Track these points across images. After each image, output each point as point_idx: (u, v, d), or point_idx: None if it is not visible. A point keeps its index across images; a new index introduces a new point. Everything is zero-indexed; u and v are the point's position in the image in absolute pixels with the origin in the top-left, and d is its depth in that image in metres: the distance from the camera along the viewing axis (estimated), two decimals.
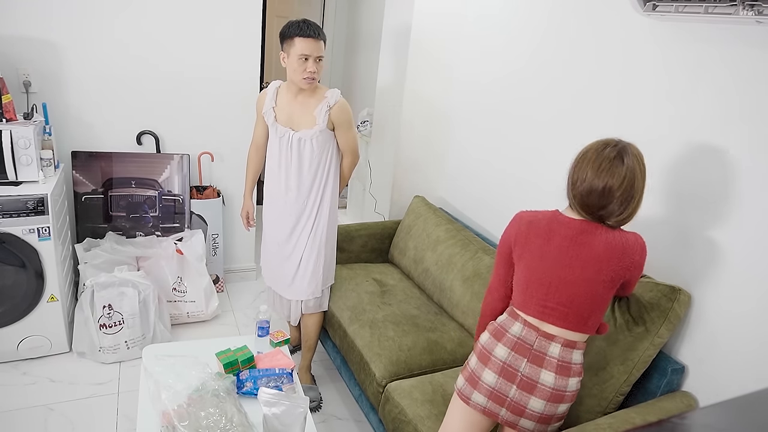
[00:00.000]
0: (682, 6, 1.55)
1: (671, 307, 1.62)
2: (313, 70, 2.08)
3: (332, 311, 2.42)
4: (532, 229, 1.49)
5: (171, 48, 2.82)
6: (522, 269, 1.50)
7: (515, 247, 1.51)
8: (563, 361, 1.44)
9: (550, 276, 1.45)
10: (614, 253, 1.41)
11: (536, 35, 2.34)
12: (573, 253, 1.43)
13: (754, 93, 1.52)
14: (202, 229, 3.00)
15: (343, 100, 2.19)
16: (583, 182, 1.42)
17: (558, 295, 1.44)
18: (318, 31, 2.09)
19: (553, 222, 1.48)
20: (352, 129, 2.25)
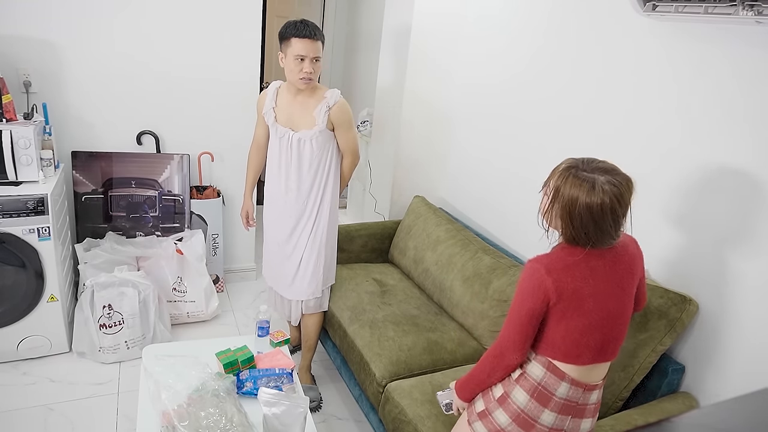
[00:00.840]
0: (682, 6, 1.55)
1: (679, 318, 1.61)
2: (309, 71, 2.07)
3: (332, 311, 2.42)
4: (571, 274, 1.30)
5: (171, 48, 2.82)
6: (574, 320, 1.31)
7: (559, 302, 1.29)
8: (599, 401, 1.41)
9: (604, 316, 1.32)
10: (636, 259, 1.37)
11: (536, 36, 2.34)
12: (615, 281, 1.33)
13: (755, 92, 1.52)
14: (202, 229, 3.00)
15: (343, 100, 2.18)
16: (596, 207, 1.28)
17: (612, 332, 1.34)
18: (315, 32, 2.07)
19: (594, 265, 1.32)
20: (352, 129, 2.24)
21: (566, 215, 1.27)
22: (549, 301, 1.29)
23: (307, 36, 2.04)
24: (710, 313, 1.64)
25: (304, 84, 2.11)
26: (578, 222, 1.26)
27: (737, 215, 1.56)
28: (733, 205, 1.57)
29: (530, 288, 1.31)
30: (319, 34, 2.09)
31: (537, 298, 1.30)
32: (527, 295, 1.32)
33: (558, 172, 1.31)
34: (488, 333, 2.19)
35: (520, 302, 1.33)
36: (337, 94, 2.18)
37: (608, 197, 1.24)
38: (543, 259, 1.32)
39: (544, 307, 1.30)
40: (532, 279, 1.31)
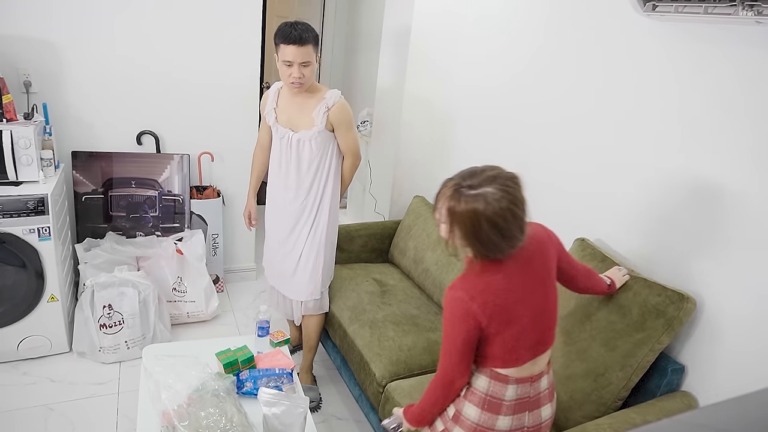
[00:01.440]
0: (682, 6, 1.55)
1: (676, 316, 1.61)
2: (297, 76, 2.04)
3: (332, 311, 2.42)
4: (493, 292, 1.29)
5: (171, 48, 2.82)
6: (507, 331, 1.31)
7: (491, 322, 1.28)
8: (551, 384, 1.44)
9: (533, 316, 1.34)
10: (546, 243, 1.40)
11: (536, 37, 2.34)
12: (534, 278, 1.35)
13: (756, 92, 1.52)
14: (202, 229, 3.00)
15: (343, 100, 2.17)
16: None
17: (543, 325, 1.36)
18: (302, 37, 2.00)
19: (510, 271, 1.32)
20: (352, 130, 2.23)
21: (470, 235, 1.26)
22: (480, 324, 1.27)
23: (293, 42, 2.00)
24: (710, 313, 1.64)
25: (295, 88, 2.11)
26: (485, 237, 1.25)
27: (737, 214, 1.56)
28: (734, 204, 1.57)
29: (458, 317, 1.29)
30: (308, 38, 2.02)
31: (468, 326, 1.28)
32: (457, 325, 1.29)
33: (446, 196, 1.30)
34: None
35: (452, 334, 1.31)
36: (337, 94, 2.17)
37: (504, 203, 1.25)
38: (462, 284, 1.30)
39: (478, 332, 1.29)
40: (457, 309, 1.29)
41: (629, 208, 1.91)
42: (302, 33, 2.01)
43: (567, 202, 2.18)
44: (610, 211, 1.99)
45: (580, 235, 2.05)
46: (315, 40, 2.07)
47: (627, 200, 1.91)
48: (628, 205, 1.91)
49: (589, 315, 1.76)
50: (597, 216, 2.05)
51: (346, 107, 2.17)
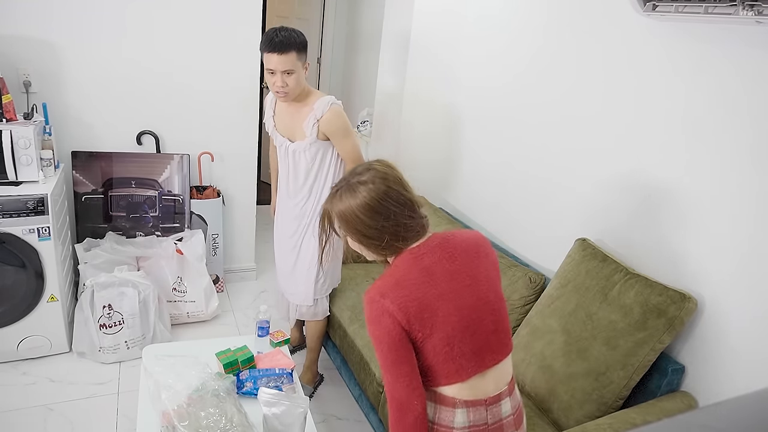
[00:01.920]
0: (682, 6, 1.55)
1: (677, 316, 1.61)
2: (280, 85, 1.97)
3: (332, 311, 2.42)
4: (406, 286, 1.16)
5: (171, 48, 2.82)
6: (435, 333, 1.15)
7: (411, 322, 1.14)
8: (517, 409, 1.27)
9: (465, 316, 1.17)
10: (481, 244, 1.28)
11: (536, 37, 2.33)
12: (461, 272, 1.20)
13: (757, 92, 1.52)
14: (202, 229, 3.00)
15: (335, 108, 2.07)
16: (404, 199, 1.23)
17: (484, 327, 1.19)
18: (283, 45, 1.92)
19: (427, 264, 1.19)
20: (349, 137, 2.13)
21: (356, 232, 1.19)
22: (400, 323, 1.13)
23: (274, 49, 1.92)
24: (710, 312, 1.64)
25: (281, 98, 2.05)
26: (371, 229, 1.17)
27: (738, 214, 1.56)
28: (734, 203, 1.57)
29: (375, 321, 1.15)
30: (290, 46, 1.93)
31: (387, 327, 1.13)
32: (377, 330, 1.15)
33: (323, 208, 1.26)
34: None
35: (379, 345, 1.15)
36: (326, 103, 2.05)
37: (372, 185, 1.18)
38: (374, 285, 1.19)
39: (402, 333, 1.13)
40: (372, 312, 1.16)
41: (630, 207, 1.91)
42: (284, 40, 1.92)
43: (567, 202, 2.18)
44: (610, 211, 1.99)
45: (581, 234, 2.05)
46: (300, 47, 1.97)
47: (628, 200, 1.91)
48: (629, 205, 1.91)
49: (591, 314, 1.76)
50: (598, 215, 2.05)
51: (339, 115, 2.07)
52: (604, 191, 2.01)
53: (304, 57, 2.02)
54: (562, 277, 1.93)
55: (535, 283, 2.11)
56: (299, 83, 2.02)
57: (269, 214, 2.59)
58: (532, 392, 1.87)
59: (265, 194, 4.90)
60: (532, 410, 1.83)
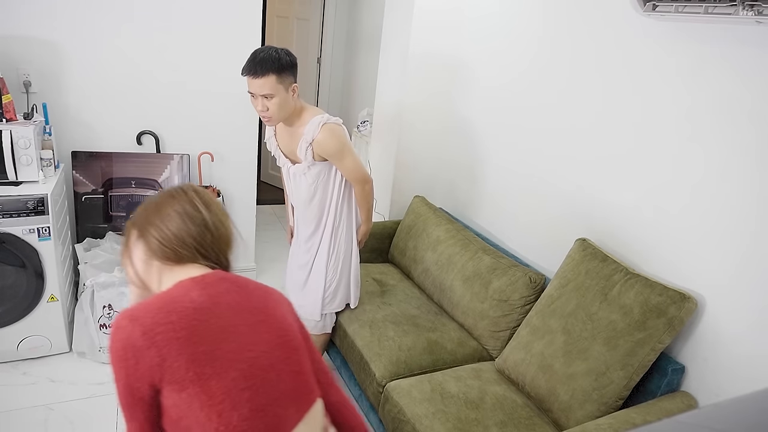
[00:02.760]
0: (682, 6, 1.55)
1: (677, 316, 1.61)
2: (260, 109, 1.89)
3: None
4: (176, 307, 0.91)
5: (171, 48, 2.82)
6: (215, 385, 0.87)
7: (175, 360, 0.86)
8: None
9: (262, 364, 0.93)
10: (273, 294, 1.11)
11: (537, 36, 2.34)
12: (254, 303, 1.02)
13: (756, 92, 1.52)
14: None
15: (327, 127, 1.96)
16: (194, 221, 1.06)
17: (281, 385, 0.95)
18: (260, 68, 1.83)
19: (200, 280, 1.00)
20: (347, 157, 2.04)
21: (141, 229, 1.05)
22: (148, 362, 0.84)
23: (250, 73, 1.85)
24: (710, 313, 1.64)
25: (266, 122, 1.98)
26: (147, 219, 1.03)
27: (738, 213, 1.56)
28: (734, 203, 1.57)
29: (115, 355, 0.88)
30: (267, 69, 1.83)
31: (127, 367, 0.86)
32: (115, 367, 0.88)
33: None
34: (488, 333, 2.19)
35: (115, 379, 0.88)
36: (316, 124, 1.95)
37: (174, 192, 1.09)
38: (132, 307, 0.92)
39: (146, 380, 0.86)
40: (115, 343, 0.88)
41: (630, 207, 1.91)
42: (262, 62, 1.83)
43: (567, 202, 2.18)
44: (610, 211, 1.99)
45: (581, 234, 2.05)
46: (280, 69, 1.85)
47: (628, 200, 1.91)
48: (629, 205, 1.91)
49: (591, 314, 1.76)
50: (598, 216, 2.05)
51: (331, 134, 1.97)
52: (603, 190, 2.01)
53: (289, 79, 1.89)
54: (562, 277, 1.93)
55: (535, 283, 2.11)
56: (282, 107, 1.91)
57: (286, 237, 2.51)
58: (532, 392, 1.87)
59: (266, 194, 4.91)
60: (532, 410, 1.83)
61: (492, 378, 1.98)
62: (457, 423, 1.73)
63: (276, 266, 3.61)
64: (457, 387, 1.89)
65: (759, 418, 0.41)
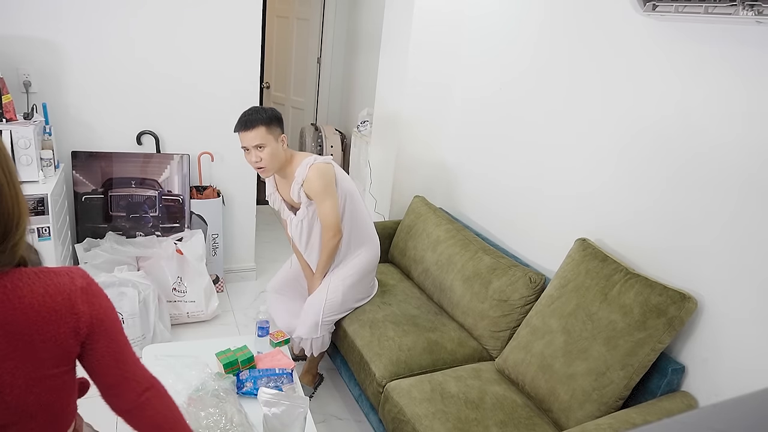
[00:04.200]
0: (682, 6, 1.55)
1: (677, 316, 1.61)
2: (254, 160, 2.08)
3: None
4: None
5: (171, 48, 2.82)
6: None
7: None
8: None
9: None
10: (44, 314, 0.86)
11: (537, 36, 2.34)
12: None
13: (755, 92, 1.52)
14: (202, 229, 3.00)
15: (315, 167, 2.09)
16: None
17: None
18: (250, 122, 2.03)
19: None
20: (326, 200, 2.13)
21: None
22: None
23: (241, 128, 2.06)
24: (710, 313, 1.64)
25: (261, 173, 2.14)
26: None
27: (737, 213, 1.56)
28: (733, 203, 1.57)
29: None
30: (256, 122, 2.03)
31: None
32: None
33: None
34: (488, 333, 2.19)
35: None
36: (305, 166, 2.10)
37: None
38: None
39: None
40: None
41: (630, 207, 1.91)
42: (251, 117, 2.04)
43: (568, 202, 2.18)
44: (610, 211, 1.99)
45: (581, 235, 2.05)
46: (268, 121, 2.05)
47: (628, 199, 1.91)
48: (629, 205, 1.91)
49: (591, 314, 1.76)
50: (598, 215, 2.05)
51: (319, 174, 2.09)
52: (603, 190, 2.01)
53: (278, 130, 2.09)
54: (562, 277, 1.93)
55: (535, 283, 2.11)
56: (274, 156, 2.08)
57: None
58: (532, 392, 1.87)
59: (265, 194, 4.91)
60: (532, 410, 1.84)
61: (492, 378, 1.98)
62: (457, 423, 1.73)
63: (276, 266, 3.60)
64: (457, 387, 1.89)
65: (759, 418, 0.41)
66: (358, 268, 2.29)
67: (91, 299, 0.91)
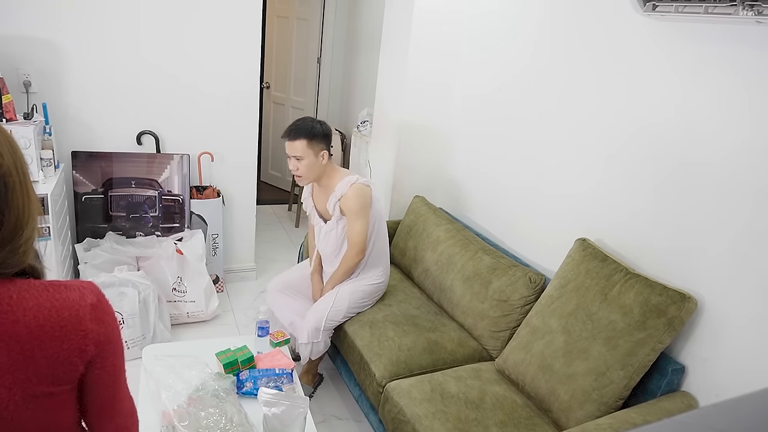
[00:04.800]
0: (682, 6, 1.55)
1: (677, 316, 1.61)
2: (292, 168, 2.17)
3: None
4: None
5: (171, 48, 2.82)
6: None
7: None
8: None
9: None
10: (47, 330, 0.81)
11: (537, 35, 2.34)
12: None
13: (754, 92, 1.52)
14: (202, 229, 3.00)
15: (356, 186, 2.18)
16: None
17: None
18: (293, 133, 2.13)
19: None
20: (360, 220, 2.21)
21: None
22: None
23: (285, 136, 2.16)
24: (710, 313, 1.64)
25: (298, 180, 2.23)
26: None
27: (737, 213, 1.56)
28: (733, 203, 1.57)
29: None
30: (299, 134, 2.12)
31: None
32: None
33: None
34: (488, 333, 2.19)
35: None
36: (347, 184, 2.19)
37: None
38: None
39: None
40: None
41: (630, 207, 1.91)
42: (296, 128, 2.14)
43: (568, 201, 2.18)
44: (610, 211, 1.99)
45: (581, 234, 2.05)
46: (311, 136, 2.13)
47: (628, 199, 1.91)
48: (629, 205, 1.91)
49: (591, 314, 1.76)
50: (598, 216, 2.05)
51: (358, 194, 2.18)
52: (603, 190, 2.01)
53: (320, 146, 2.16)
54: (562, 277, 1.93)
55: (535, 283, 2.11)
56: (310, 169, 2.18)
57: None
58: (532, 392, 1.87)
59: (266, 194, 4.91)
60: (532, 410, 1.84)
61: (492, 378, 1.98)
62: (457, 423, 1.73)
63: (276, 266, 3.61)
64: (457, 387, 1.89)
65: (759, 418, 0.41)
66: (367, 288, 2.34)
67: (101, 317, 0.87)
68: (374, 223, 2.30)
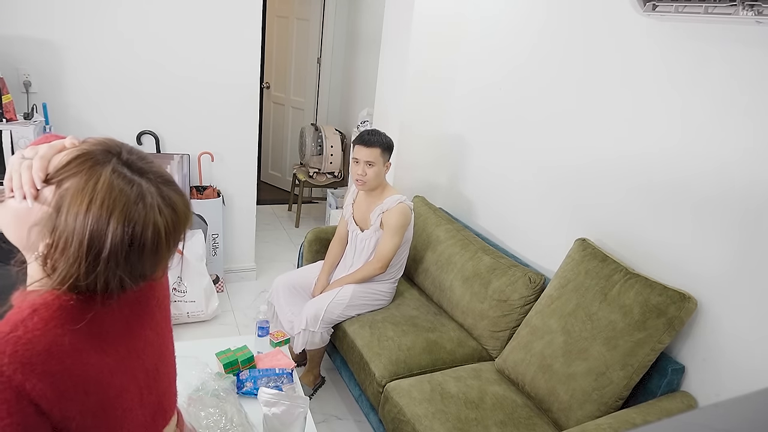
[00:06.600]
0: (682, 6, 1.55)
1: (677, 316, 1.61)
2: (360, 173, 2.29)
3: None
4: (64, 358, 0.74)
5: (170, 48, 2.81)
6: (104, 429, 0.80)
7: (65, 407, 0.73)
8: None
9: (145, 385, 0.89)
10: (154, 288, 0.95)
11: (537, 35, 2.34)
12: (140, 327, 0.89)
13: (756, 92, 1.52)
14: (202, 229, 3.00)
15: (401, 206, 2.29)
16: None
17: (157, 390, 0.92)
18: (371, 141, 2.28)
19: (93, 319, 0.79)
20: (395, 237, 2.30)
21: (82, 243, 0.73)
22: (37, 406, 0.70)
23: (362, 143, 2.29)
24: (710, 313, 1.64)
25: (358, 186, 2.34)
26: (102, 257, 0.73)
27: (737, 213, 1.56)
28: (733, 203, 1.57)
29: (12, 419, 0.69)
30: (376, 143, 2.28)
31: (12, 410, 0.68)
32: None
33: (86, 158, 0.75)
34: (488, 333, 2.19)
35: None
36: (395, 200, 2.31)
37: (164, 221, 0.77)
38: (8, 341, 0.71)
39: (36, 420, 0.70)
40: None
41: (630, 207, 1.91)
42: (372, 137, 2.31)
43: (567, 202, 2.18)
44: (610, 211, 1.99)
45: (581, 234, 2.05)
46: (385, 146, 2.31)
47: (628, 200, 1.91)
48: (629, 205, 1.91)
49: (590, 314, 1.76)
50: (598, 215, 2.05)
51: (401, 214, 2.29)
52: (603, 191, 2.01)
53: (388, 156, 2.34)
54: (562, 277, 1.93)
55: (535, 283, 2.11)
56: (378, 176, 2.32)
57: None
58: (532, 392, 1.87)
59: (266, 194, 4.91)
60: (532, 410, 1.84)
61: (492, 378, 1.98)
62: (457, 423, 1.73)
63: (276, 266, 3.61)
64: (457, 387, 1.89)
65: (759, 418, 0.41)
66: (370, 295, 2.36)
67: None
68: (403, 244, 2.39)
